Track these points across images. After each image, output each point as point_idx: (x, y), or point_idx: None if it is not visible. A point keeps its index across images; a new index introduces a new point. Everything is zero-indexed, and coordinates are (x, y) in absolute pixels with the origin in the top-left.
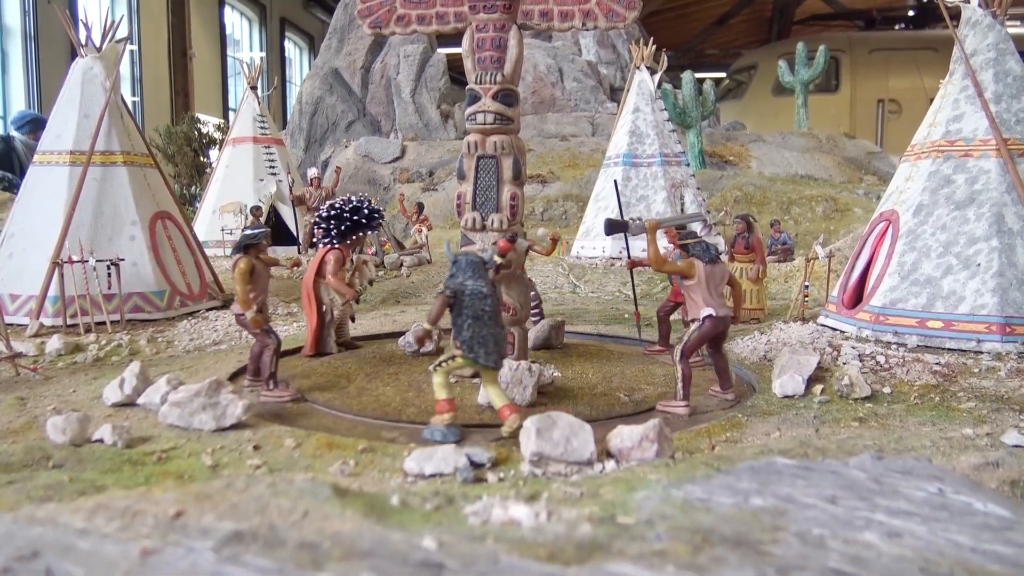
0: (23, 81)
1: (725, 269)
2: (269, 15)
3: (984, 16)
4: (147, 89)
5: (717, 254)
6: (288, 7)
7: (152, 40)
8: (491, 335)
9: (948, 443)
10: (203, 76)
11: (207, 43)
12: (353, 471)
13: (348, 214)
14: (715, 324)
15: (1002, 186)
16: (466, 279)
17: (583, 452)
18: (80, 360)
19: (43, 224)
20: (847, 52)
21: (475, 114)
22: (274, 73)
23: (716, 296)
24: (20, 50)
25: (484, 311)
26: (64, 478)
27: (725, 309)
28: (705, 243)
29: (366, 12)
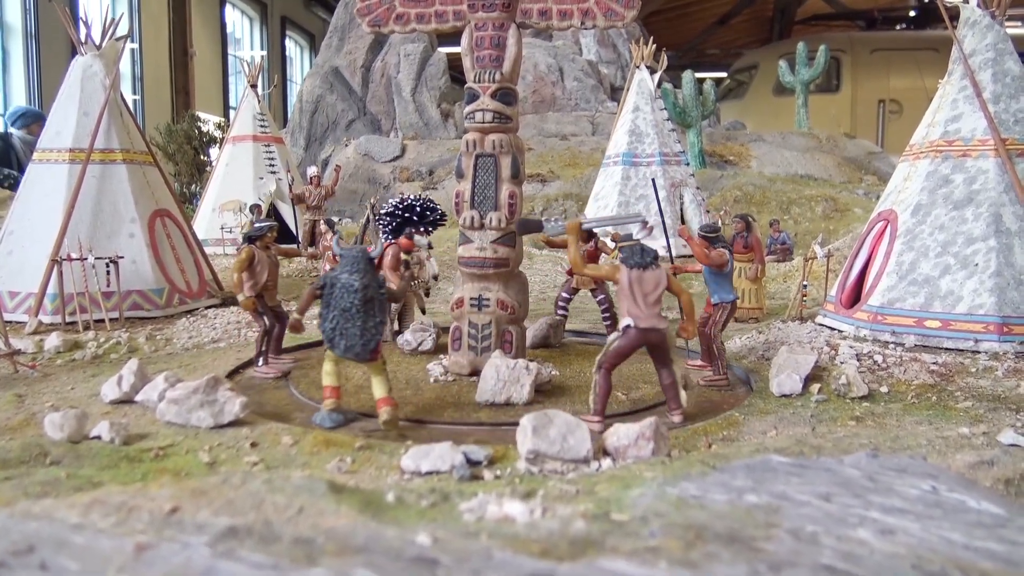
0: (24, 79)
1: (659, 276)
2: (270, 14)
3: (983, 16)
4: (148, 87)
5: (651, 259)
6: (289, 6)
7: (153, 38)
8: (357, 329)
9: (944, 442)
10: (204, 75)
11: (208, 41)
12: (350, 468)
13: (401, 211)
14: (638, 336)
15: (1000, 186)
16: (341, 273)
17: (579, 450)
18: (79, 357)
19: (42, 221)
20: (848, 52)
21: (474, 112)
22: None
23: (645, 305)
24: (21, 48)
25: (352, 304)
26: (61, 474)
27: (653, 320)
28: (640, 247)
29: (365, 11)
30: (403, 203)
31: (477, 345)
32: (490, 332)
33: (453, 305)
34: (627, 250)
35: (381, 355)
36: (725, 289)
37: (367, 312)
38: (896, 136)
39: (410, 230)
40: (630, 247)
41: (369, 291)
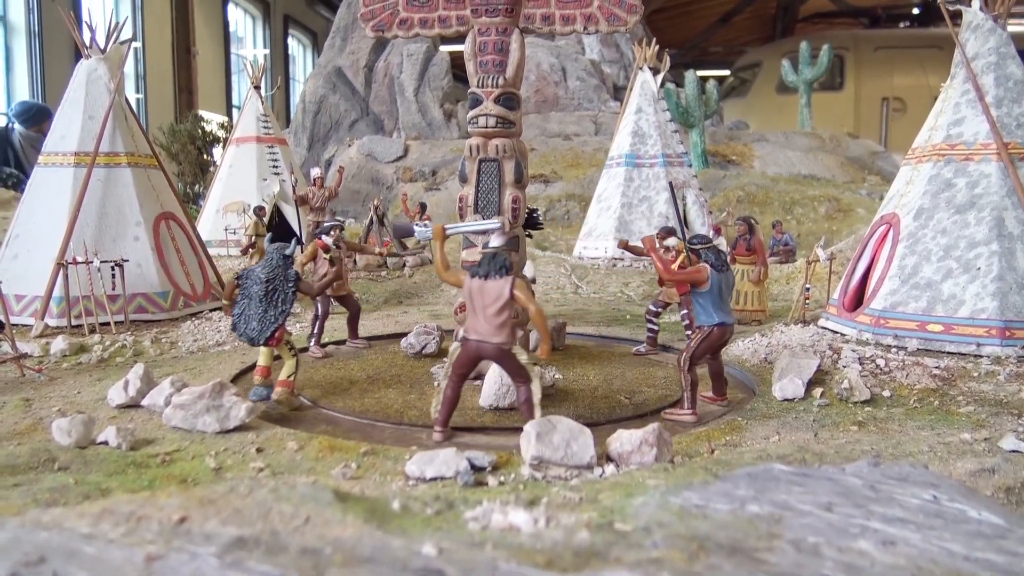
0: (27, 77)
1: (501, 288)
2: (273, 12)
3: (985, 20)
4: (151, 86)
5: (495, 270)
6: (292, 4)
7: (156, 37)
8: (256, 314)
9: (946, 448)
10: (207, 73)
11: (211, 40)
12: (355, 474)
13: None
14: (466, 349)
15: (1002, 190)
16: (257, 265)
17: (583, 456)
18: (85, 361)
19: (48, 225)
20: (851, 50)
21: (477, 117)
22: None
23: (483, 317)
24: (24, 47)
25: (255, 292)
26: (70, 481)
27: (485, 333)
28: (491, 255)
29: (368, 15)
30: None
31: None
32: None
33: (457, 309)
34: (482, 257)
35: (287, 342)
36: (707, 311)
37: (269, 301)
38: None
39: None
40: (485, 257)
41: (273, 283)
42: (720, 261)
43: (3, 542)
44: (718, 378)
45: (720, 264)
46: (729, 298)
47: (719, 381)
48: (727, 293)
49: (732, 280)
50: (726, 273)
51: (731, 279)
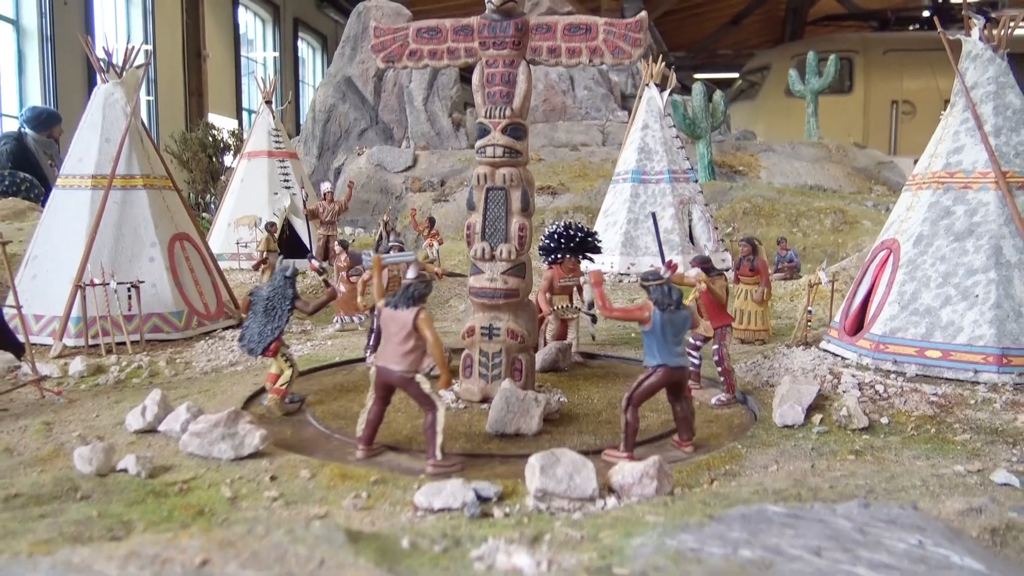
0: (39, 81)
1: (405, 319)
2: (283, 15)
3: (984, 50)
4: (162, 89)
5: (404, 300)
6: (302, 7)
7: (167, 41)
8: (256, 328)
9: (938, 482)
10: (217, 76)
11: (221, 43)
12: (366, 504)
13: (560, 239)
14: (377, 375)
15: (1000, 218)
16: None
17: (585, 489)
18: (102, 382)
19: (66, 246)
20: (861, 53)
21: (484, 147)
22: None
23: (390, 346)
24: (37, 51)
25: (259, 308)
26: (93, 513)
27: (389, 361)
28: (405, 286)
29: (379, 47)
30: (562, 230)
31: (488, 373)
32: (500, 360)
33: (464, 333)
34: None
35: (283, 354)
36: (651, 351)
37: (267, 316)
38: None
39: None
40: (402, 285)
41: (272, 300)
42: (668, 300)
43: None
44: (682, 422)
45: (667, 303)
46: (679, 338)
47: (682, 425)
48: (674, 333)
49: (682, 320)
50: (674, 312)
51: (680, 319)
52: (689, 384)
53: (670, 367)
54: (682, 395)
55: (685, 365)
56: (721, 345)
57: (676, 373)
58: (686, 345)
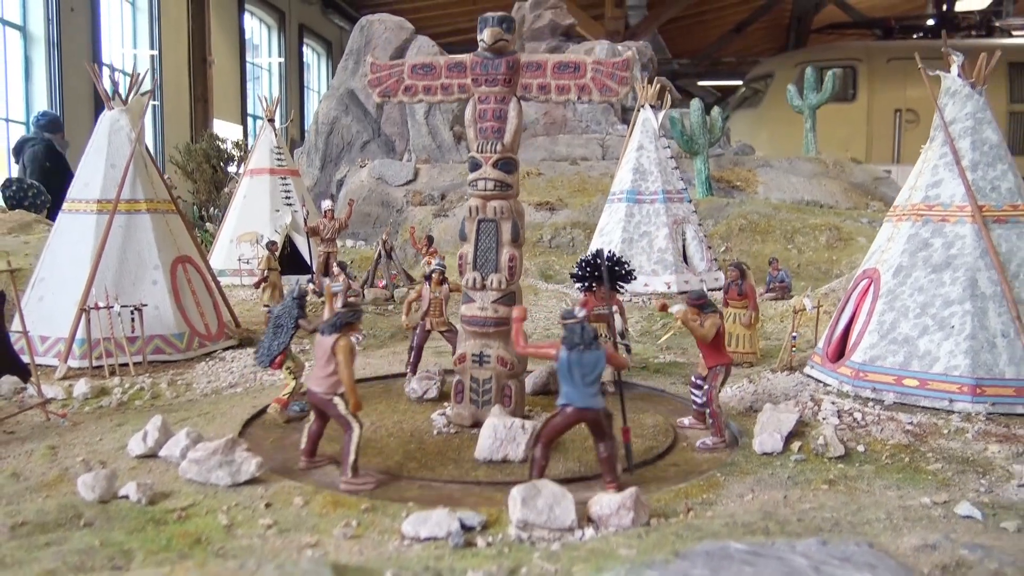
0: (45, 86)
1: (326, 345)
2: (288, 22)
3: (963, 86)
4: (167, 95)
5: (329, 328)
6: (307, 14)
7: (173, 46)
8: (266, 344)
9: (903, 514)
10: (222, 81)
11: (227, 49)
12: (355, 532)
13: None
14: (309, 396)
15: (976, 251)
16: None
17: (564, 520)
18: (105, 404)
19: (71, 269)
20: (865, 61)
21: (476, 181)
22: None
23: (316, 368)
24: (43, 56)
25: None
26: (95, 542)
27: (313, 381)
28: (334, 314)
29: (376, 82)
30: (596, 259)
31: (478, 399)
32: (490, 387)
33: (456, 360)
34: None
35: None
36: (561, 390)
37: (275, 333)
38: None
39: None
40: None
41: (281, 319)
42: (578, 339)
43: None
44: (603, 463)
45: (575, 342)
46: (589, 379)
47: (604, 466)
48: (583, 374)
49: (592, 361)
50: (582, 352)
51: (590, 359)
52: (690, 423)
53: (577, 407)
54: (603, 435)
55: (595, 406)
56: (711, 386)
57: (585, 414)
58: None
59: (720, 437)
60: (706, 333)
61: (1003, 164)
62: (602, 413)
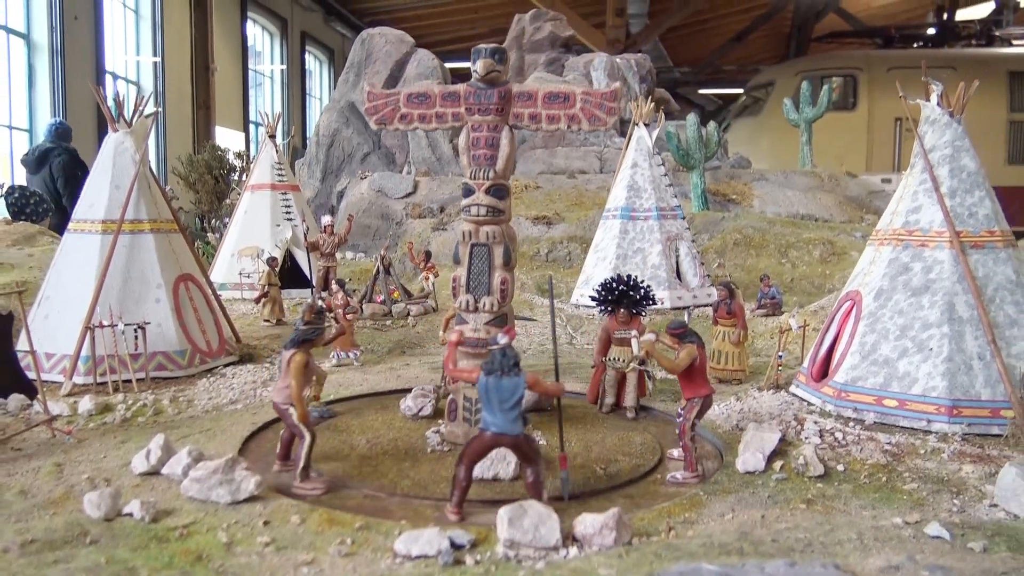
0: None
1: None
2: (290, 29)
3: (942, 115)
4: (170, 102)
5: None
6: (309, 22)
7: (175, 54)
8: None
9: (874, 534)
10: (224, 89)
11: (229, 56)
12: (350, 550)
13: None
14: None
15: (954, 276)
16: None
17: (549, 539)
18: (109, 421)
19: (76, 288)
20: (865, 70)
21: (469, 206)
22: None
23: (280, 379)
24: (47, 65)
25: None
26: (101, 559)
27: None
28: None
29: (372, 110)
30: (613, 283)
31: (471, 417)
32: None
33: (449, 380)
34: None
35: None
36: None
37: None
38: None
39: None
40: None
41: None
42: (496, 365)
43: None
44: (529, 488)
45: (492, 368)
46: (506, 405)
47: (530, 490)
48: (500, 400)
49: (509, 387)
50: (499, 379)
51: (507, 386)
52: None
53: (493, 432)
54: (527, 460)
55: (511, 432)
56: (684, 418)
57: (501, 439)
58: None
59: (692, 471)
60: (675, 364)
61: (980, 191)
62: (521, 439)
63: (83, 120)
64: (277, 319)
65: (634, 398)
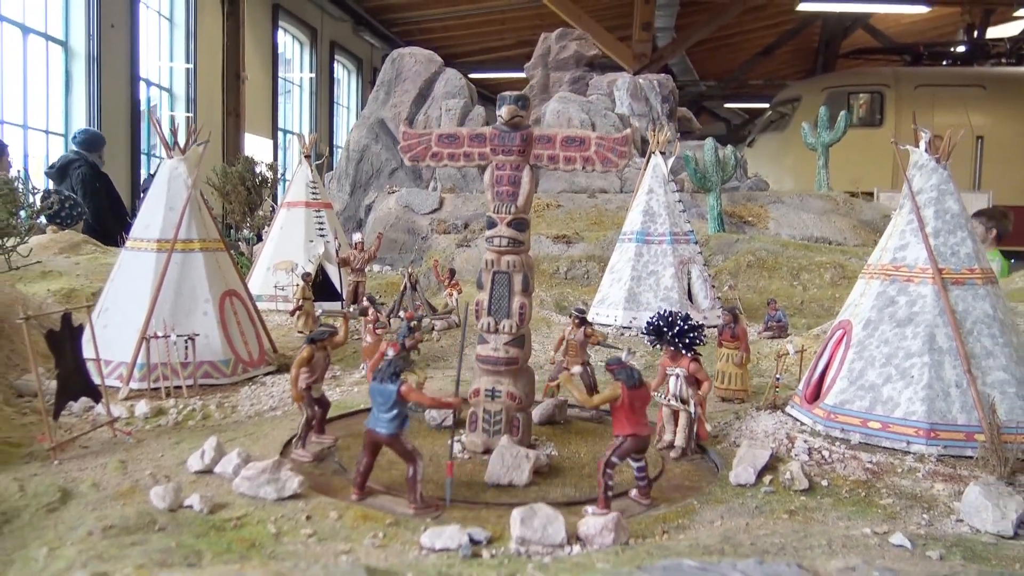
0: (84, 100)
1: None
2: (320, 38)
3: (929, 161)
4: (201, 108)
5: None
6: (339, 31)
7: (207, 61)
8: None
9: (843, 542)
10: (254, 96)
11: (259, 64)
12: (382, 543)
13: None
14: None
15: (935, 310)
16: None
17: (556, 538)
18: (163, 424)
19: (132, 301)
20: (892, 87)
21: (492, 238)
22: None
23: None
24: (83, 71)
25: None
26: (172, 543)
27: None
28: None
29: (407, 148)
30: (664, 317)
31: (490, 428)
32: (501, 418)
33: (471, 394)
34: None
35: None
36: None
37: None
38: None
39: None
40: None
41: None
42: (382, 373)
43: None
44: (407, 483)
45: (377, 375)
46: (384, 408)
47: (408, 486)
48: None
49: (386, 393)
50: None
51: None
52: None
53: (369, 428)
54: (405, 457)
55: (382, 431)
56: (604, 455)
57: (375, 435)
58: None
59: (603, 508)
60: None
61: (962, 232)
62: (395, 438)
63: (116, 125)
64: (310, 331)
65: (683, 438)
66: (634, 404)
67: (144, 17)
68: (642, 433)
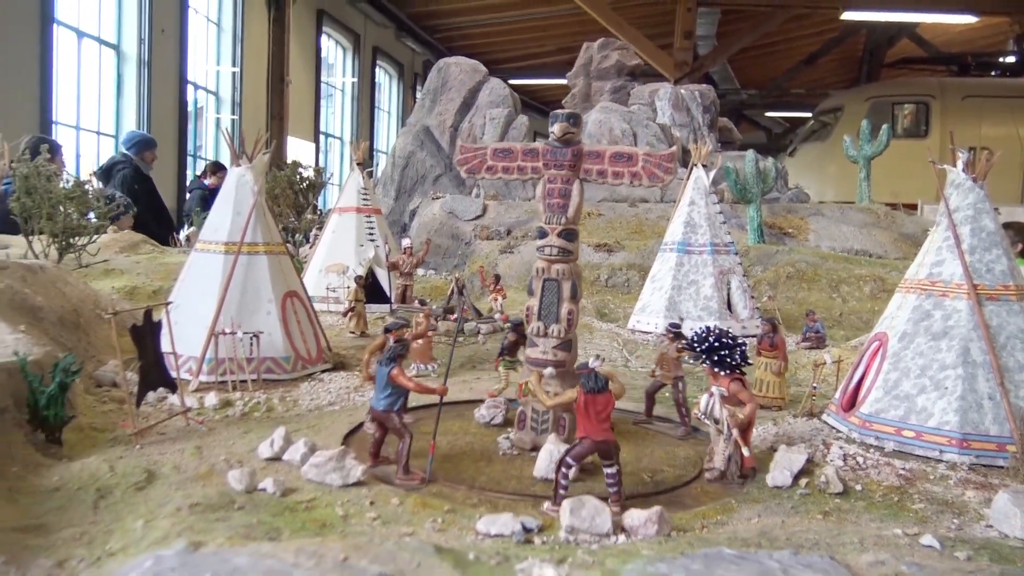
0: (135, 103)
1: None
2: (363, 44)
3: (966, 180)
4: (246, 111)
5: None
6: (381, 37)
7: (253, 66)
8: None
9: (874, 540)
10: (297, 100)
11: (303, 69)
12: (441, 527)
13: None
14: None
15: (970, 324)
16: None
17: (602, 527)
18: (231, 414)
19: (201, 299)
20: (938, 98)
21: (543, 247)
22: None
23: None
24: (134, 75)
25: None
26: (253, 520)
27: None
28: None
29: (463, 161)
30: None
31: (537, 427)
32: (548, 417)
33: (520, 393)
34: None
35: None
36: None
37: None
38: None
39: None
40: None
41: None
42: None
43: (244, 565)
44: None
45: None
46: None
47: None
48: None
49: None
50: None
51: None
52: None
53: (371, 406)
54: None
55: (378, 407)
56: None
57: (374, 412)
58: None
59: (553, 505)
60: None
61: (998, 249)
62: (385, 415)
63: (165, 127)
64: (361, 331)
65: (721, 460)
66: (589, 408)
67: (193, 22)
68: (597, 438)
